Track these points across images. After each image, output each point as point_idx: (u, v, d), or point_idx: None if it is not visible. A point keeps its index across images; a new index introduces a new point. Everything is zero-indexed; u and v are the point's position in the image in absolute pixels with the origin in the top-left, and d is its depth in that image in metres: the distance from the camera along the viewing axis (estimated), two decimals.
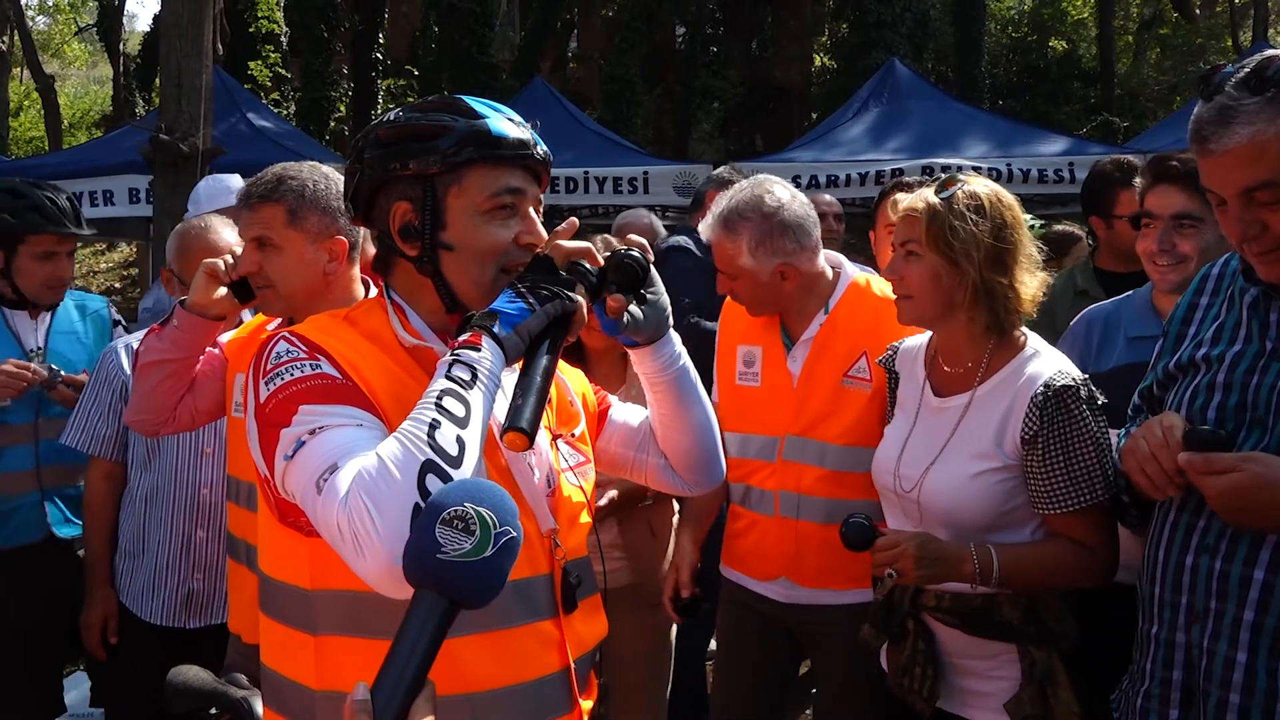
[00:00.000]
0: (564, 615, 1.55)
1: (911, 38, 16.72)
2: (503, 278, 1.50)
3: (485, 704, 1.45)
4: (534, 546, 1.52)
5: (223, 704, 1.59)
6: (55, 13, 34.04)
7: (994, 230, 2.07)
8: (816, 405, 2.62)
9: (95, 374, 2.99)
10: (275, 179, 2.33)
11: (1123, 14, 24.87)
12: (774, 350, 2.70)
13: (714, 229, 2.63)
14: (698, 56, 21.09)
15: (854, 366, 2.62)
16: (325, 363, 1.43)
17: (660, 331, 1.63)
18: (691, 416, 1.71)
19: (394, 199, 1.52)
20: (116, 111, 22.71)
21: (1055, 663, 2.04)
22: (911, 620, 2.18)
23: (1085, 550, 2.03)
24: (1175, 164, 2.42)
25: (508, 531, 1.14)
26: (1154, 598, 1.83)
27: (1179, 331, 1.95)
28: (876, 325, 2.62)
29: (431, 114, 1.52)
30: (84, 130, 28.52)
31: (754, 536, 2.72)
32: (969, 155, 9.27)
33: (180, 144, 5.53)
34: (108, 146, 10.43)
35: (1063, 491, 2.01)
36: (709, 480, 1.80)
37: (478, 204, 1.50)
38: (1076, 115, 19.90)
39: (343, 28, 18.08)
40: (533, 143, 1.55)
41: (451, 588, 1.12)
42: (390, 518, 1.22)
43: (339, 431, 1.34)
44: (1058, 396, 2.00)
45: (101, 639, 2.99)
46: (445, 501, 1.14)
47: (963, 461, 2.12)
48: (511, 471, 1.52)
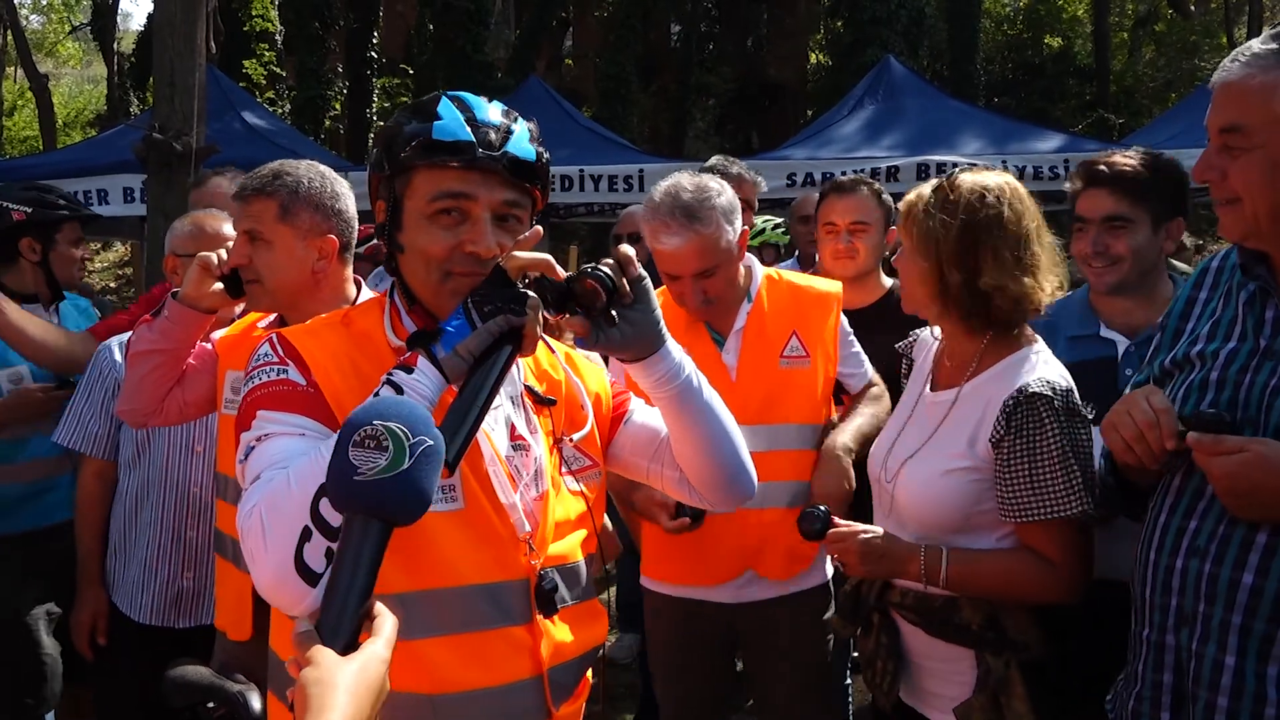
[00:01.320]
0: (539, 621, 1.52)
1: (906, 35, 16.72)
2: (454, 281, 1.49)
3: (448, 706, 1.45)
4: (506, 550, 1.50)
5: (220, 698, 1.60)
6: (49, 12, 33.94)
7: (964, 226, 2.01)
8: (761, 391, 2.61)
9: (88, 371, 2.98)
10: (271, 174, 2.34)
11: (1118, 10, 24.89)
12: (703, 348, 2.62)
13: (680, 229, 2.49)
14: (693, 54, 21.10)
15: (787, 346, 2.65)
16: (293, 369, 1.47)
17: (647, 349, 1.56)
18: (700, 433, 1.63)
19: (376, 198, 1.57)
20: (110, 111, 22.69)
21: (1012, 673, 1.98)
22: (877, 614, 2.19)
23: (1046, 565, 1.97)
24: (1103, 168, 2.48)
25: (423, 441, 1.14)
26: (1145, 600, 1.82)
27: (1176, 327, 1.92)
28: (797, 306, 2.70)
29: (399, 115, 1.55)
30: (78, 129, 28.46)
31: (707, 540, 2.57)
32: (964, 152, 9.27)
33: (174, 143, 5.51)
34: (102, 146, 10.41)
35: (1025, 501, 1.96)
36: (731, 498, 1.72)
37: (421, 208, 1.50)
38: (1072, 112, 19.94)
39: (337, 26, 18.07)
40: (483, 145, 1.48)
41: (376, 507, 1.12)
42: (277, 538, 1.26)
43: (278, 441, 1.39)
44: (1028, 403, 1.95)
45: (90, 639, 2.97)
46: (354, 422, 1.15)
47: (938, 458, 2.10)
48: (488, 473, 1.51)
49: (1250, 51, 1.67)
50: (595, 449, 1.70)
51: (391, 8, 20.21)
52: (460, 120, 1.50)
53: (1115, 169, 2.45)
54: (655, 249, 2.58)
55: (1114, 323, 2.53)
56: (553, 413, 1.64)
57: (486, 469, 1.52)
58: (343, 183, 2.43)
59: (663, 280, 2.64)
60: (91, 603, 2.96)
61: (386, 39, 19.71)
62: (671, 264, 2.57)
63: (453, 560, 1.45)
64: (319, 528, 1.26)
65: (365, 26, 18.73)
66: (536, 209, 1.59)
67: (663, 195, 2.55)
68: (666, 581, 2.74)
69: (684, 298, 2.60)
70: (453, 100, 1.53)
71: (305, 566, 1.26)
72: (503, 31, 18.58)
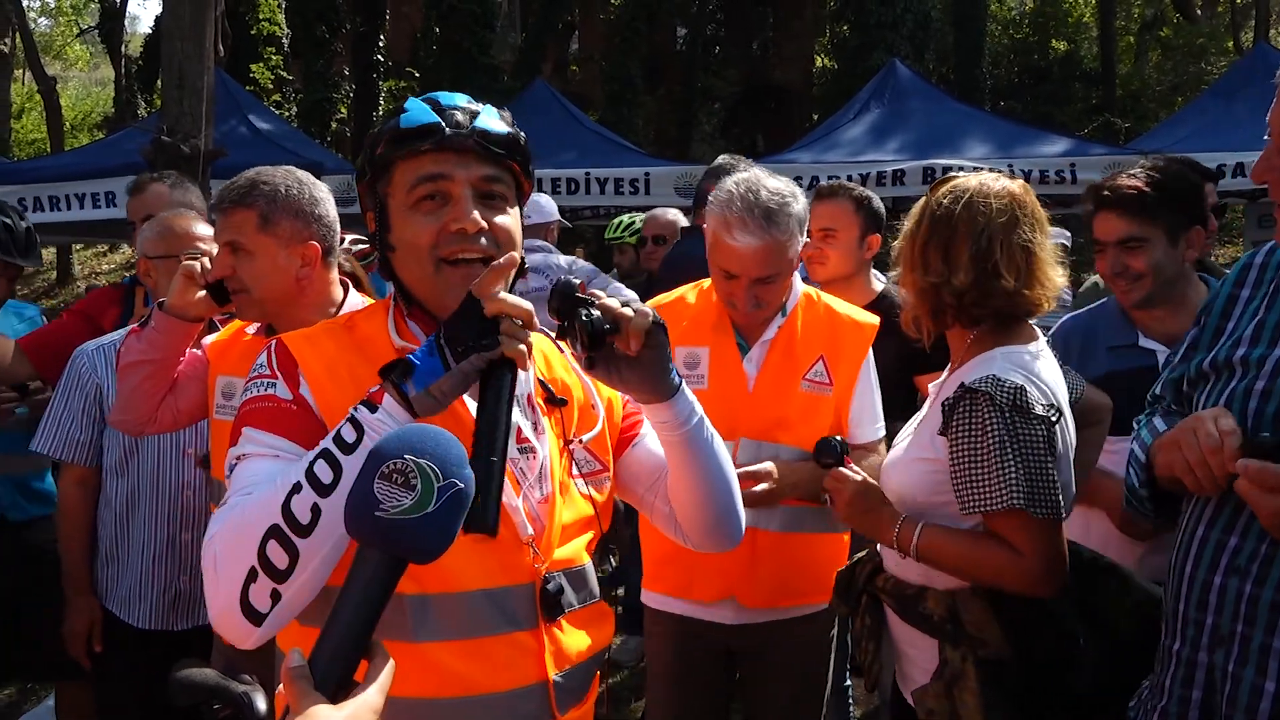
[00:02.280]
0: (545, 626, 1.50)
1: (912, 38, 16.71)
2: (445, 269, 1.47)
3: (453, 710, 1.44)
4: (510, 555, 1.49)
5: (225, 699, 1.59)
6: (57, 15, 34.05)
7: (926, 229, 2.09)
8: (775, 408, 2.53)
9: (65, 378, 2.94)
10: (248, 184, 2.34)
11: (1124, 15, 24.86)
12: (726, 352, 2.57)
13: (757, 230, 2.39)
14: (698, 57, 21.10)
15: (812, 369, 2.57)
16: (281, 383, 1.46)
17: (651, 398, 1.52)
18: (697, 478, 1.61)
19: (366, 208, 1.59)
20: (118, 113, 22.77)
21: (967, 667, 2.00)
22: (866, 596, 2.25)
23: (1013, 553, 1.98)
24: (1107, 192, 2.54)
25: (453, 484, 1.08)
26: (1178, 614, 1.75)
27: (1217, 325, 1.84)
28: (833, 333, 2.61)
29: (381, 123, 1.56)
30: (86, 132, 28.56)
31: (697, 556, 2.51)
32: (970, 156, 9.26)
33: (182, 145, 5.54)
34: (110, 148, 10.44)
35: (968, 492, 1.99)
36: (713, 544, 1.71)
37: (403, 200, 1.50)
38: (1078, 116, 19.90)
39: (344, 29, 18.10)
40: (450, 124, 1.47)
41: (394, 546, 1.07)
42: (226, 574, 1.28)
43: (254, 462, 1.40)
44: (968, 398, 1.98)
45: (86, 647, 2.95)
46: (384, 453, 1.08)
47: (910, 445, 2.19)
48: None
49: None
50: (606, 452, 1.68)
51: (398, 11, 20.24)
52: (425, 108, 1.51)
53: (1120, 191, 2.50)
54: (720, 244, 2.45)
55: (1151, 331, 2.58)
56: (563, 414, 1.62)
57: None
58: (321, 186, 2.42)
59: (713, 274, 2.55)
60: (85, 611, 2.93)
61: (393, 42, 19.75)
62: (734, 263, 2.44)
63: (457, 565, 1.41)
64: (265, 569, 1.25)
65: (371, 30, 18.77)
66: (523, 191, 1.58)
67: (742, 192, 2.42)
68: (663, 594, 2.67)
69: (734, 298, 2.49)
70: (423, 98, 1.55)
71: (250, 606, 1.27)
72: (508, 35, 18.60)
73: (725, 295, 2.53)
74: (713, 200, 2.49)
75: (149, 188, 3.50)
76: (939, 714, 2.04)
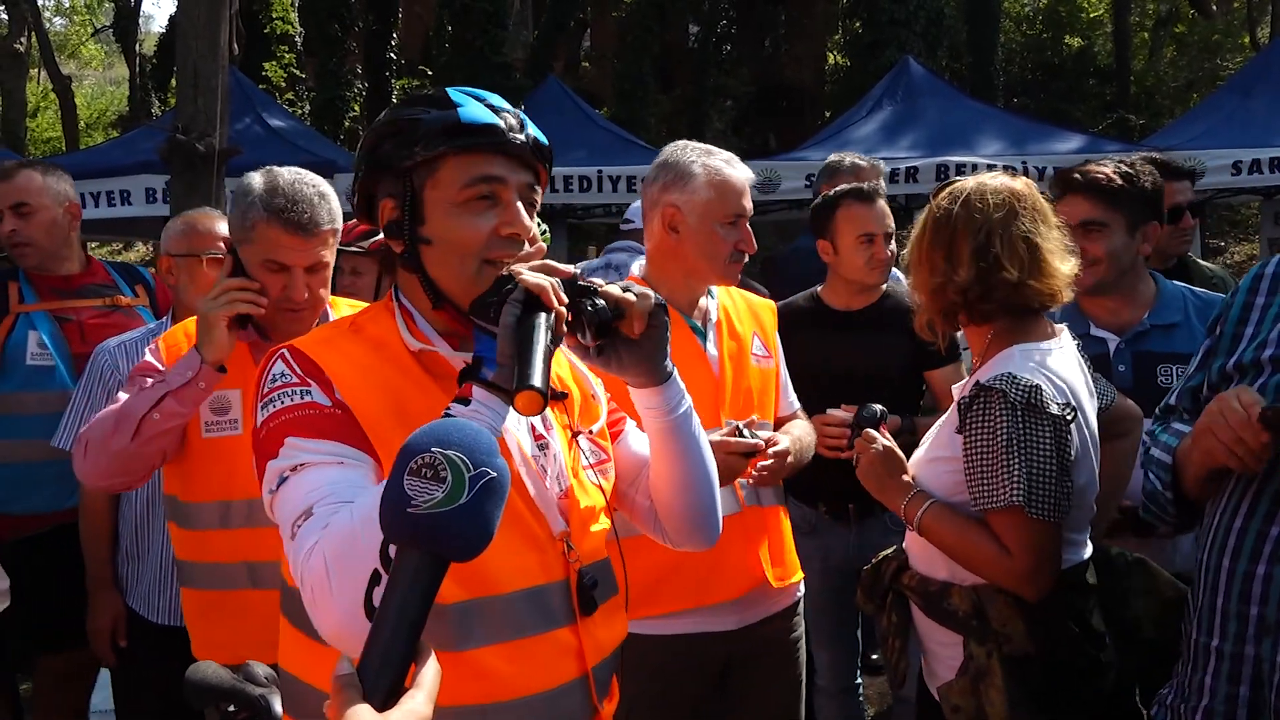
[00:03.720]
0: (582, 621, 1.51)
1: (925, 35, 16.64)
2: (486, 269, 1.46)
3: (501, 714, 1.43)
4: (546, 552, 1.49)
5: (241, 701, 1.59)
6: (72, 14, 34.23)
7: (929, 230, 2.14)
8: (742, 386, 2.56)
9: (87, 374, 2.91)
10: (319, 195, 2.27)
11: (1138, 10, 24.70)
12: (685, 342, 2.52)
13: (742, 169, 2.55)
14: (710, 55, 21.07)
15: (754, 346, 2.63)
16: (316, 389, 1.42)
17: (644, 382, 1.54)
18: (679, 471, 1.62)
19: (381, 196, 1.52)
20: (132, 112, 22.89)
21: (992, 663, 2.02)
22: (891, 593, 2.27)
23: (1000, 550, 2.01)
24: (1077, 175, 2.64)
25: (485, 473, 1.04)
26: (1215, 608, 1.74)
27: (1235, 332, 1.88)
28: (751, 308, 2.70)
29: (408, 109, 1.51)
30: (100, 130, 28.69)
31: (712, 551, 2.37)
32: (983, 153, 9.24)
33: (197, 144, 5.54)
34: (124, 147, 10.49)
35: (977, 488, 2.02)
36: (693, 542, 1.70)
37: (452, 196, 1.46)
38: (1092, 113, 19.80)
39: (356, 28, 18.14)
40: (510, 128, 1.48)
41: (430, 542, 1.03)
42: (344, 582, 1.20)
43: (318, 471, 1.34)
44: (982, 396, 2.01)
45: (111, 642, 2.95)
46: (411, 449, 1.06)
47: (932, 447, 2.23)
48: (520, 475, 1.49)
49: None
50: (608, 442, 1.69)
51: (410, 9, 20.28)
52: (480, 105, 1.49)
53: (1088, 176, 2.62)
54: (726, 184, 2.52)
55: (1102, 321, 2.69)
56: (566, 406, 1.62)
57: (518, 470, 1.49)
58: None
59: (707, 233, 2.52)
60: (108, 606, 2.94)
61: (405, 41, 19.79)
62: (740, 200, 2.52)
63: (497, 566, 1.41)
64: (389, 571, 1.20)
65: (384, 28, 18.80)
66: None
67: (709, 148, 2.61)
68: (663, 615, 2.48)
69: (742, 243, 2.53)
70: (460, 92, 1.52)
71: (374, 609, 1.19)
72: (520, 33, 18.62)
73: (737, 248, 2.52)
74: (686, 158, 2.57)
75: (18, 174, 3.36)
76: (964, 710, 2.05)
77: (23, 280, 3.35)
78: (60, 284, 3.37)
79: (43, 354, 3.24)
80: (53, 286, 3.36)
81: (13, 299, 3.31)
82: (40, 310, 3.31)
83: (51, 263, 3.36)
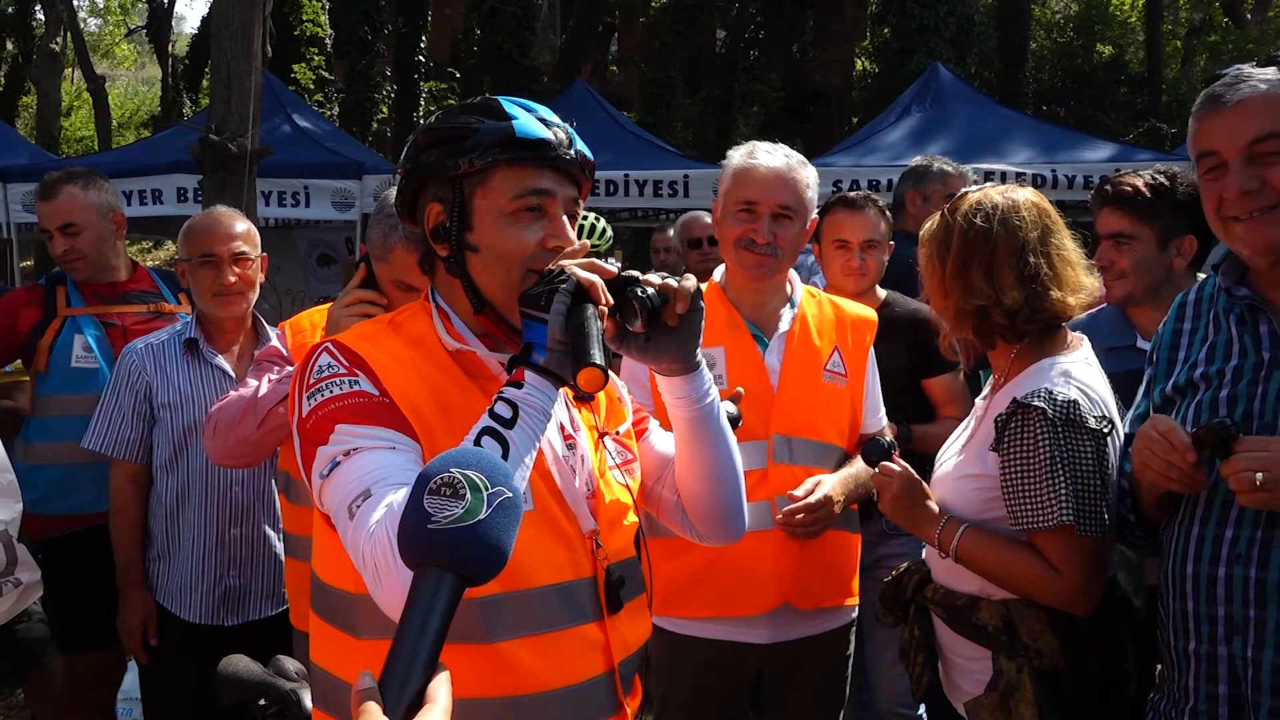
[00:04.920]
0: (608, 618, 1.54)
1: (955, 42, 16.53)
2: (530, 279, 1.49)
3: (529, 707, 1.46)
4: (575, 549, 1.52)
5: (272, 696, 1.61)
6: (106, 15, 34.62)
7: (959, 250, 2.08)
8: (802, 401, 2.53)
9: (114, 376, 2.98)
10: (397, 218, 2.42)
11: (1171, 19, 24.47)
12: (744, 348, 2.54)
13: (780, 157, 2.58)
14: (738, 60, 21.03)
15: (830, 360, 2.59)
16: (364, 379, 1.45)
17: (675, 370, 1.58)
18: (705, 461, 1.65)
19: (429, 200, 1.55)
20: (165, 112, 23.12)
21: (1023, 678, 2.00)
22: (913, 607, 2.25)
23: (1049, 569, 1.98)
24: (1108, 188, 2.67)
25: (501, 492, 1.09)
26: (1187, 612, 1.82)
27: (1169, 358, 1.98)
28: (841, 325, 2.65)
29: (462, 116, 1.54)
30: (133, 130, 29.01)
31: (741, 562, 2.38)
32: (1013, 161, 9.16)
33: (229, 144, 5.61)
34: (156, 146, 10.60)
35: (1020, 508, 1.99)
36: (720, 535, 1.73)
37: (502, 206, 1.50)
38: (1123, 121, 19.62)
39: (386, 30, 18.23)
40: (560, 143, 1.52)
41: (450, 557, 1.07)
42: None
43: (372, 455, 1.37)
44: (1021, 414, 1.98)
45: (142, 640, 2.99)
46: (430, 472, 1.10)
47: (960, 463, 2.19)
48: (551, 473, 1.52)
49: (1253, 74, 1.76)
50: (634, 442, 1.73)
51: (439, 13, 20.38)
52: (534, 119, 1.52)
53: (1118, 189, 2.63)
54: (741, 175, 2.55)
55: (1148, 334, 2.60)
56: (593, 408, 1.65)
57: (550, 468, 1.53)
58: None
59: (727, 225, 2.54)
60: (139, 605, 2.97)
61: (434, 43, 19.88)
62: (756, 188, 2.52)
63: (528, 562, 1.45)
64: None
65: (413, 31, 18.89)
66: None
67: (760, 141, 2.65)
68: (692, 618, 2.51)
69: (754, 233, 2.51)
70: (512, 103, 1.55)
71: None
72: (548, 36, 18.67)
73: (743, 235, 2.51)
74: (730, 153, 2.63)
75: (60, 192, 3.42)
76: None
77: (70, 285, 3.44)
78: (106, 290, 3.46)
79: (87, 357, 3.31)
80: (98, 292, 3.45)
81: (60, 303, 3.39)
82: (87, 315, 3.38)
83: (101, 273, 3.46)
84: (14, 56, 23.63)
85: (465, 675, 1.35)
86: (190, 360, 2.96)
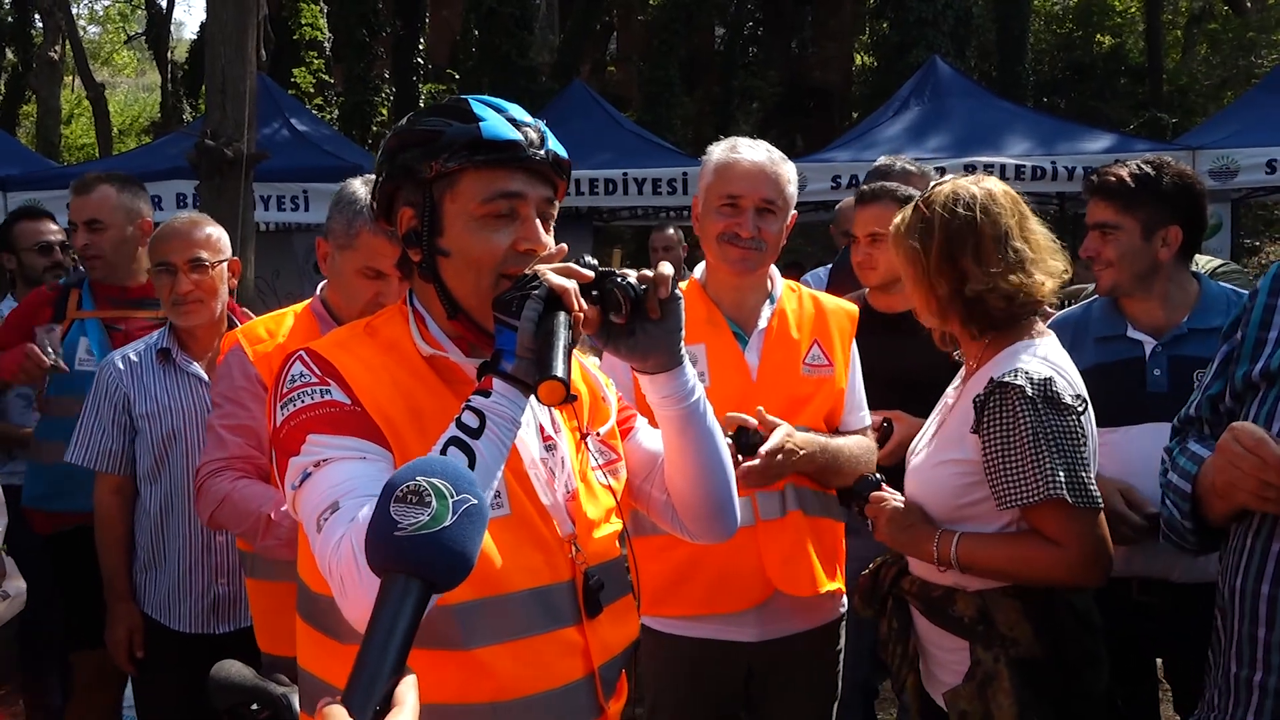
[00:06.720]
0: (587, 621, 1.53)
1: (954, 35, 16.52)
2: (502, 283, 1.47)
3: (509, 712, 1.45)
4: (553, 553, 1.51)
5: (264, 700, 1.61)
6: (105, 22, 34.69)
7: (941, 239, 2.11)
8: (783, 394, 2.52)
9: (93, 389, 2.96)
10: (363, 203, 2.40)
11: (1171, 8, 24.40)
12: (724, 345, 2.53)
13: (763, 152, 2.57)
14: (737, 57, 21.03)
15: (809, 354, 2.59)
16: (335, 388, 1.45)
17: (659, 365, 1.56)
18: (693, 459, 1.63)
19: (401, 204, 1.54)
20: (164, 118, 23.14)
21: (1000, 668, 2.02)
22: (891, 599, 2.28)
23: (1053, 546, 2.00)
24: (1093, 179, 2.68)
25: (467, 499, 1.11)
26: (1256, 639, 1.64)
27: (1257, 337, 1.77)
28: (821, 320, 2.64)
29: (430, 118, 1.52)
30: (133, 137, 29.03)
31: (725, 557, 2.35)
32: (1012, 153, 9.15)
33: (225, 149, 5.60)
34: (156, 153, 10.61)
35: (1005, 486, 2.01)
36: (712, 533, 1.71)
37: (472, 210, 1.48)
38: (1123, 112, 19.57)
39: (384, 33, 18.25)
40: (531, 143, 1.49)
41: (416, 564, 1.08)
42: (371, 574, 1.22)
43: (342, 466, 1.37)
44: (999, 393, 2.01)
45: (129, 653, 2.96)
46: (396, 481, 1.12)
47: (935, 450, 2.21)
48: (528, 477, 1.52)
49: None
50: (618, 441, 1.70)
51: (437, 15, 20.40)
52: (502, 120, 1.50)
53: (1103, 179, 2.63)
54: (724, 170, 2.53)
55: (1139, 323, 2.63)
56: (575, 408, 1.63)
57: (527, 472, 1.52)
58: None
59: (710, 220, 2.53)
60: (125, 618, 2.94)
61: (433, 46, 19.89)
62: (740, 182, 2.49)
63: (505, 567, 1.44)
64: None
65: (412, 34, 18.91)
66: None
67: (741, 139, 2.62)
68: (679, 617, 2.50)
69: (739, 227, 2.49)
70: (481, 103, 1.52)
71: None
72: (547, 36, 18.67)
73: (727, 229, 2.50)
74: (711, 149, 2.62)
75: (95, 189, 3.48)
76: (972, 715, 2.05)
77: (84, 288, 3.49)
78: (117, 294, 3.49)
79: (89, 360, 3.35)
80: (109, 296, 3.48)
81: (71, 306, 3.44)
82: (93, 318, 3.43)
83: (116, 275, 3.49)
84: (13, 65, 23.66)
85: (443, 682, 1.36)
86: (166, 369, 2.94)
